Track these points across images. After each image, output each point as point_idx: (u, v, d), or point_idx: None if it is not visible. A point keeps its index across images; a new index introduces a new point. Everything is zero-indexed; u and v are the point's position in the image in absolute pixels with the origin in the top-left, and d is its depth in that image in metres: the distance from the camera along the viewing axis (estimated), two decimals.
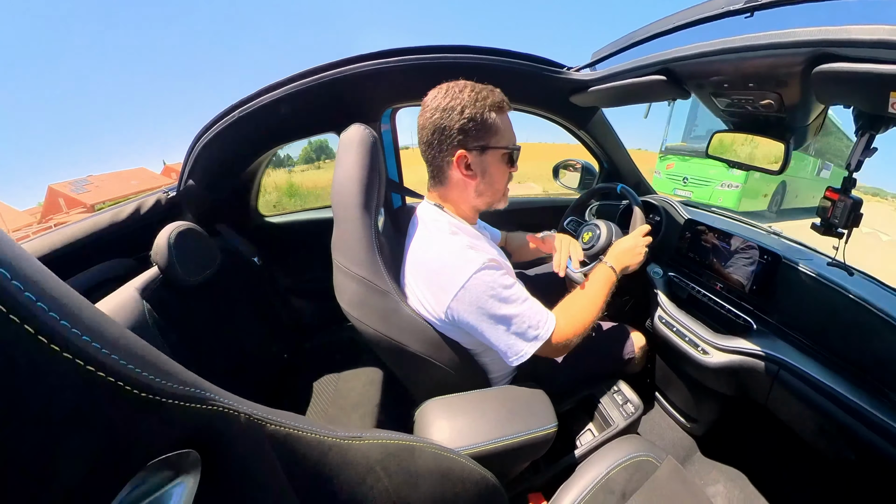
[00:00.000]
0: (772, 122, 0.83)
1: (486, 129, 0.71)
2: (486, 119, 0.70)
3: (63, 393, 0.18)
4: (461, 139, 0.70)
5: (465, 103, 0.69)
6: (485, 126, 0.70)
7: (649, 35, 0.88)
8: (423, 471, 0.49)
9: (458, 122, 0.69)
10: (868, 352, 0.73)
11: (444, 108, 0.69)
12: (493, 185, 0.77)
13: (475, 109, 0.69)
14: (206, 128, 1.09)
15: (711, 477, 1.09)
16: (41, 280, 0.19)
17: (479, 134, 0.70)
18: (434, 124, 0.70)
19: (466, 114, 0.68)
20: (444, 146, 0.72)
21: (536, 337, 0.69)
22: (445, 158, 0.73)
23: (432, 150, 0.73)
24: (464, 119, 0.68)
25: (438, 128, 0.70)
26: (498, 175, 0.77)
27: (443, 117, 0.69)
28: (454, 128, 0.69)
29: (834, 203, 0.75)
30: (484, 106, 0.69)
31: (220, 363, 1.00)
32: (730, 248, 1.01)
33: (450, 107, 0.69)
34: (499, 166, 0.76)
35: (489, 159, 0.74)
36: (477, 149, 0.72)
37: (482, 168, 0.74)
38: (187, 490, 0.23)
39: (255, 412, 0.31)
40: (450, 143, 0.71)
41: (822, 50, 0.56)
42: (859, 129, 0.67)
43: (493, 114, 0.70)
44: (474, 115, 0.69)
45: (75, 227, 0.97)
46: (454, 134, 0.70)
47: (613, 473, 0.69)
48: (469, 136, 0.70)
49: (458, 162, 0.72)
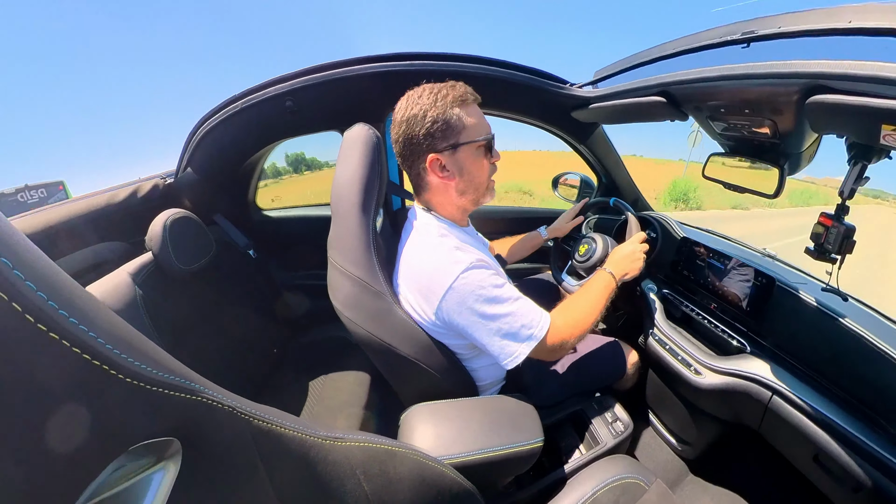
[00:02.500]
0: (766, 148, 0.85)
1: (452, 127, 0.69)
2: (449, 118, 0.68)
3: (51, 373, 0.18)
4: (429, 143, 0.70)
5: (426, 107, 0.68)
6: (449, 125, 0.69)
7: (651, 58, 0.90)
8: (404, 477, 0.49)
9: (423, 128, 0.68)
10: (862, 381, 0.73)
11: (407, 119, 0.69)
12: (473, 181, 0.75)
13: (437, 110, 0.68)
14: (210, 114, 1.08)
15: (702, 503, 1.07)
16: (31, 259, 0.19)
17: (446, 134, 0.69)
18: (403, 136, 0.71)
19: (429, 117, 0.68)
20: (416, 155, 0.72)
21: (530, 336, 0.67)
22: (420, 166, 0.73)
23: (407, 162, 0.74)
24: (427, 123, 0.68)
25: (407, 139, 0.70)
26: (476, 169, 0.75)
27: (409, 127, 0.69)
28: (420, 134, 0.69)
29: (827, 229, 0.76)
30: (445, 105, 0.68)
31: (210, 353, 0.99)
32: (725, 269, 1.01)
33: (412, 115, 0.69)
34: (475, 160, 0.74)
35: (462, 156, 0.72)
36: (448, 149, 0.70)
37: (458, 167, 0.73)
38: (167, 476, 0.23)
39: (239, 406, 0.32)
40: (419, 150, 0.71)
41: (816, 82, 0.57)
42: (852, 159, 0.69)
43: (455, 110, 0.69)
44: (437, 116, 0.68)
45: (71, 206, 0.96)
46: (421, 140, 0.69)
47: (600, 494, 0.68)
48: (436, 138, 0.69)
49: (431, 166, 0.72)
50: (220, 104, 1.07)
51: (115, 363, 0.21)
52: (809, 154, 0.85)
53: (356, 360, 1.20)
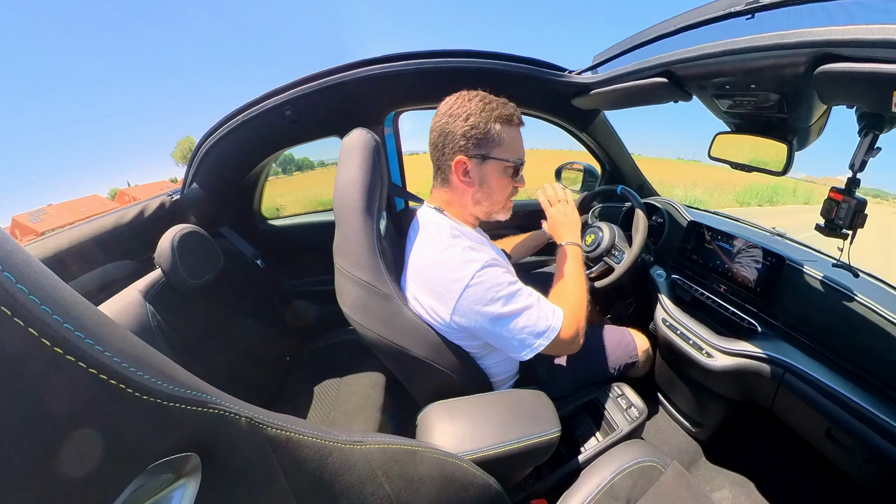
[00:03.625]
0: (774, 123, 0.83)
1: (489, 140, 0.72)
2: (489, 129, 0.71)
3: (66, 395, 0.18)
4: (462, 145, 0.72)
5: (472, 111, 0.70)
6: (487, 136, 0.71)
7: (650, 38, 0.88)
8: (425, 476, 0.49)
9: (462, 129, 0.71)
10: (874, 354, 0.72)
11: (451, 114, 0.72)
12: (490, 196, 0.77)
13: (480, 118, 0.70)
14: (212, 130, 1.10)
15: (717, 482, 1.07)
16: (45, 283, 0.19)
17: (481, 143, 0.72)
18: (441, 128, 0.73)
19: (471, 121, 0.70)
20: (447, 150, 0.73)
21: (549, 328, 0.69)
22: (447, 162, 0.75)
23: (437, 152, 0.76)
24: (467, 126, 0.70)
25: (444, 132, 0.73)
26: (497, 187, 0.76)
27: (449, 122, 0.72)
28: (457, 133, 0.71)
29: (838, 204, 0.74)
30: (490, 116, 0.70)
31: (223, 365, 1.00)
32: (733, 251, 1.00)
33: (456, 113, 0.71)
34: (499, 178, 0.76)
35: (488, 169, 0.74)
36: (477, 157, 0.73)
37: (480, 177, 0.75)
38: (188, 493, 0.23)
39: (256, 416, 0.31)
40: (452, 147, 0.73)
41: (824, 50, 0.56)
42: (862, 130, 0.67)
43: (497, 125, 0.71)
44: (478, 123, 0.70)
45: (80, 230, 0.98)
46: (457, 139, 0.71)
47: (618, 479, 0.68)
48: (470, 143, 0.71)
49: (456, 167, 0.74)
50: (222, 119, 1.09)
51: (128, 380, 0.20)
52: (818, 127, 0.83)
53: (369, 363, 1.20)
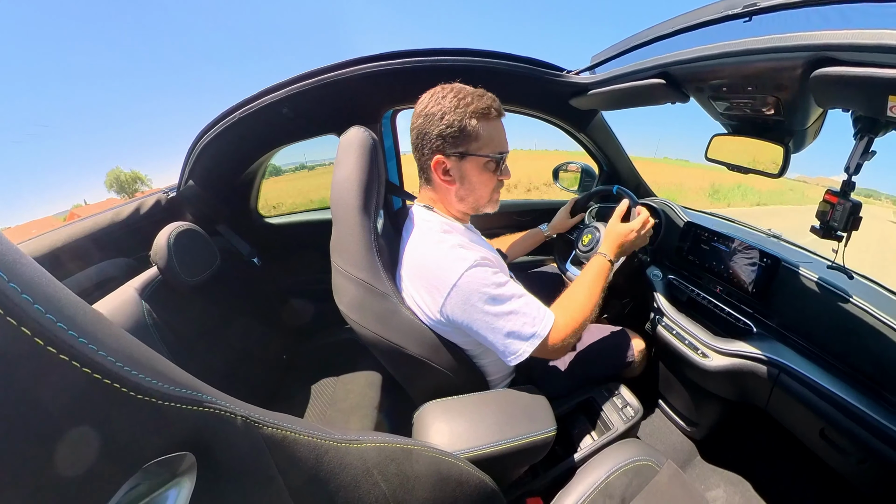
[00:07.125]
0: (770, 126, 0.84)
1: (465, 136, 0.70)
2: (464, 126, 0.69)
3: (59, 394, 0.18)
4: (439, 145, 0.70)
5: (445, 109, 0.68)
6: (463, 133, 0.69)
7: (649, 39, 0.88)
8: (421, 474, 0.49)
9: (437, 128, 0.69)
10: (868, 355, 0.73)
11: (425, 114, 0.70)
12: (474, 192, 0.75)
13: (454, 116, 0.68)
14: (208, 127, 1.09)
15: (712, 481, 1.08)
16: (38, 282, 0.19)
17: (457, 141, 0.70)
18: (417, 129, 0.72)
19: (445, 120, 0.68)
20: (425, 151, 0.72)
21: (534, 335, 0.67)
22: (427, 162, 0.73)
23: (417, 152, 0.75)
24: (442, 125, 0.69)
25: (420, 132, 0.71)
26: (479, 182, 0.75)
27: (424, 123, 0.70)
28: (433, 133, 0.70)
29: (833, 206, 0.75)
30: (465, 113, 0.68)
31: (219, 364, 1.00)
32: (729, 251, 1.01)
33: (431, 112, 0.69)
34: (481, 174, 0.74)
35: (468, 166, 0.72)
36: (455, 155, 0.71)
37: (461, 174, 0.73)
38: (183, 492, 0.23)
39: (251, 414, 0.31)
40: (429, 148, 0.71)
41: (821, 54, 0.56)
42: (858, 133, 0.68)
43: (473, 120, 0.69)
44: (452, 121, 0.68)
45: (76, 227, 0.98)
46: (433, 139, 0.70)
47: (613, 478, 0.68)
48: (447, 142, 0.70)
49: (436, 167, 0.72)
50: (218, 116, 1.08)
51: (123, 379, 0.20)
52: (814, 130, 0.84)
53: (366, 362, 1.20)
